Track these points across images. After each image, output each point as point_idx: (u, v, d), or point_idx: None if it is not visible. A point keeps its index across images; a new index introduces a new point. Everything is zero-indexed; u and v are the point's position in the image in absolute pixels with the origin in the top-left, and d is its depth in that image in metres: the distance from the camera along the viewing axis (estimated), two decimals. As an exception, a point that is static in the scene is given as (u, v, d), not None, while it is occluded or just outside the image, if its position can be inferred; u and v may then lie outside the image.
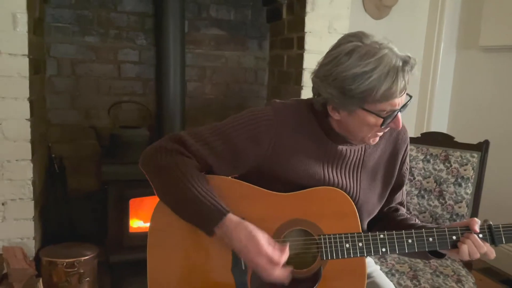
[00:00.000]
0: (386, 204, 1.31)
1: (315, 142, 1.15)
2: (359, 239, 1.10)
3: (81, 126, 2.62)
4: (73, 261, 2.07)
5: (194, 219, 1.09)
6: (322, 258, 1.10)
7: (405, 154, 1.27)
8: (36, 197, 2.14)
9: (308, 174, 1.14)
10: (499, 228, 1.11)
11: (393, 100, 1.01)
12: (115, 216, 2.30)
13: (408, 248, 1.11)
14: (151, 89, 2.72)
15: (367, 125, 1.06)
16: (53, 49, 2.52)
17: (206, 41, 2.81)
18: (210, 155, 1.11)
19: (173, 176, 1.07)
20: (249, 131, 1.11)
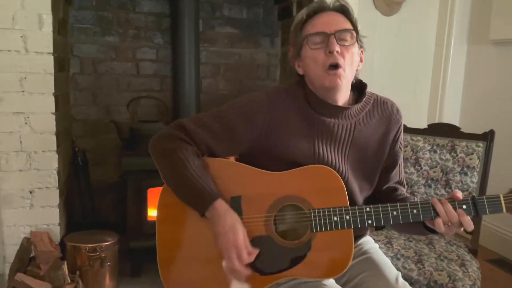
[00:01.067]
0: (384, 183, 1.37)
1: (305, 119, 1.24)
2: (346, 212, 1.18)
3: (103, 121, 2.76)
4: (95, 246, 2.19)
5: (188, 200, 1.21)
6: (312, 230, 1.18)
7: (398, 134, 1.33)
8: (61, 186, 2.28)
9: (300, 150, 1.23)
10: (483, 199, 1.16)
11: (313, 26, 1.19)
12: (134, 205, 2.40)
13: (393, 220, 1.17)
14: (167, 86, 2.85)
15: (311, 59, 1.19)
16: (76, 49, 2.67)
17: (220, 39, 2.92)
18: (209, 137, 1.22)
19: (172, 160, 1.19)
20: (244, 113, 1.22)
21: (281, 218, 1.21)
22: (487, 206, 1.16)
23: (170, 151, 1.20)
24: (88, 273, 2.18)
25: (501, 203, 1.17)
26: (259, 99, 1.24)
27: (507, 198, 1.18)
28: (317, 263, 1.18)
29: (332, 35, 1.15)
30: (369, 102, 1.30)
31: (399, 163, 1.37)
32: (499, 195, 1.18)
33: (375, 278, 1.26)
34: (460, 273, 1.73)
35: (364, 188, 1.32)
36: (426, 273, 1.74)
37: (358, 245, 1.39)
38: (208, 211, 1.17)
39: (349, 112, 1.25)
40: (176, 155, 1.19)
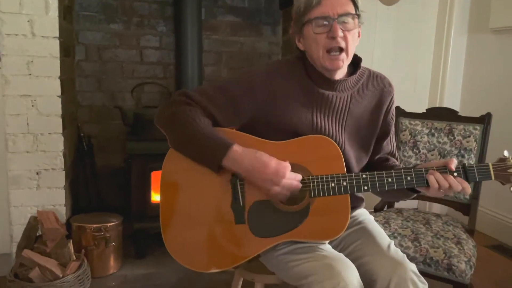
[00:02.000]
0: (376, 153, 1.42)
1: (304, 90, 1.29)
2: (343, 179, 1.23)
3: (107, 108, 2.81)
4: (100, 226, 2.24)
5: (202, 155, 1.24)
6: (310, 196, 1.23)
7: (390, 105, 1.39)
8: (67, 169, 2.34)
9: (299, 120, 1.28)
10: (473, 167, 1.22)
11: (316, 9, 1.19)
12: (138, 188, 2.45)
13: (388, 186, 1.23)
14: (171, 73, 2.90)
15: (313, 39, 1.22)
16: (81, 36, 2.73)
17: (222, 28, 2.97)
18: (213, 106, 1.27)
19: (181, 121, 1.24)
20: (245, 83, 1.28)
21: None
22: (476, 173, 1.22)
23: (177, 114, 1.25)
24: (93, 252, 2.24)
25: (490, 171, 1.22)
26: (260, 71, 1.29)
27: (496, 167, 1.23)
28: (315, 227, 1.22)
29: (335, 20, 1.19)
30: (363, 75, 1.35)
31: (391, 133, 1.43)
32: (488, 163, 1.24)
33: (368, 246, 1.31)
34: (455, 250, 1.76)
35: (360, 157, 1.37)
36: (422, 250, 1.77)
37: (353, 216, 1.44)
38: (226, 158, 1.20)
39: (346, 84, 1.31)
40: (184, 115, 1.23)
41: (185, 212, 1.29)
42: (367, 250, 1.30)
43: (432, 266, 1.73)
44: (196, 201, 1.28)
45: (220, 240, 1.26)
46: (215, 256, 1.26)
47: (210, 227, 1.27)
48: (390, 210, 2.25)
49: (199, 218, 1.28)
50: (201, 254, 1.27)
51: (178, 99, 1.28)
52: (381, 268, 1.22)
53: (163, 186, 1.31)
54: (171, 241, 1.29)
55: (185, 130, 1.24)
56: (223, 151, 1.20)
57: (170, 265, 2.37)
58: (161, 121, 1.29)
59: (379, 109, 1.37)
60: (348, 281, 1.12)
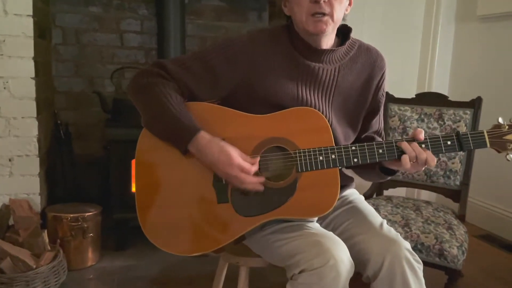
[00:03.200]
0: (363, 131, 1.35)
1: (289, 60, 1.21)
2: (332, 151, 1.16)
3: (86, 94, 2.71)
4: (77, 216, 2.14)
5: (169, 136, 1.17)
6: (298, 170, 1.16)
7: (381, 81, 1.31)
8: (42, 156, 2.23)
9: (283, 93, 1.20)
10: (467, 135, 1.15)
11: None
12: (117, 177, 2.35)
13: (378, 157, 1.16)
14: (153, 58, 2.80)
15: (297, 4, 1.15)
16: (58, 19, 2.61)
17: (206, 12, 2.88)
18: (190, 78, 1.18)
19: (151, 95, 1.16)
20: (225, 52, 1.19)
21: (265, 160, 1.19)
22: (471, 141, 1.15)
23: (149, 86, 1.17)
24: (70, 243, 2.14)
25: (485, 138, 1.16)
26: (241, 39, 1.22)
27: (490, 134, 1.16)
28: (302, 203, 1.16)
29: None
30: (353, 46, 1.28)
31: (380, 111, 1.36)
32: (483, 130, 1.17)
33: (360, 225, 1.25)
34: (447, 236, 1.73)
35: (348, 134, 1.30)
36: (413, 236, 1.74)
37: (343, 196, 1.38)
38: (191, 144, 1.14)
39: (334, 56, 1.23)
40: (156, 89, 1.15)
41: (163, 191, 1.20)
42: (359, 229, 1.24)
43: (424, 252, 1.69)
44: (174, 179, 1.20)
45: (202, 221, 1.18)
46: (196, 238, 1.18)
47: (190, 207, 1.19)
48: (379, 197, 2.20)
49: (178, 198, 1.19)
50: (181, 236, 1.19)
51: (152, 69, 1.19)
52: (374, 246, 1.16)
53: (138, 164, 1.22)
54: (148, 223, 1.20)
55: (153, 106, 1.16)
56: (187, 136, 1.14)
57: (152, 256, 2.28)
58: (133, 90, 1.21)
59: (369, 84, 1.29)
60: (338, 259, 1.06)
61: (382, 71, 1.31)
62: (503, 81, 2.80)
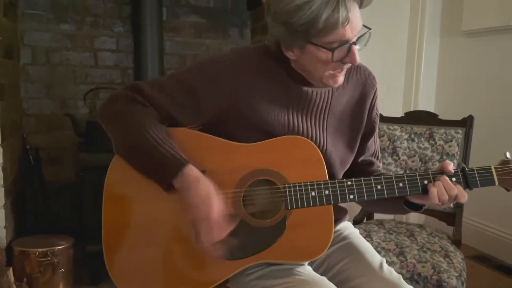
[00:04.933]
0: (359, 154, 1.25)
1: (278, 84, 1.10)
2: (325, 186, 1.05)
3: (57, 116, 2.57)
4: (47, 251, 2.01)
5: (151, 171, 1.03)
6: (287, 207, 1.05)
7: (373, 100, 1.22)
8: (8, 185, 2.07)
9: (272, 118, 1.09)
10: (474, 171, 1.06)
11: (339, 31, 0.95)
12: (91, 205, 2.22)
13: (377, 194, 1.05)
14: (129, 78, 2.69)
15: (320, 61, 1.01)
16: (27, 37, 2.48)
17: (185, 29, 2.78)
18: (169, 102, 1.06)
19: (128, 123, 1.02)
20: (208, 73, 1.07)
21: (251, 194, 1.07)
22: (478, 178, 1.06)
23: (125, 114, 1.03)
24: (38, 280, 2.00)
25: (492, 175, 1.07)
26: (225, 58, 1.09)
27: (499, 170, 1.07)
28: (292, 245, 1.04)
29: (354, 44, 0.99)
30: None
31: (376, 132, 1.26)
32: (490, 166, 1.08)
33: (357, 265, 1.14)
34: (444, 264, 1.65)
35: (345, 159, 1.20)
36: (409, 266, 1.65)
37: (337, 231, 1.26)
38: (177, 179, 1.00)
39: None
40: (133, 117, 1.02)
41: (134, 230, 1.06)
42: (356, 271, 1.12)
43: (421, 283, 1.59)
44: (148, 216, 1.06)
45: (178, 263, 1.05)
46: (172, 284, 1.06)
47: (165, 248, 1.06)
48: (370, 222, 2.10)
49: (152, 237, 1.06)
50: (154, 281, 1.06)
51: (127, 93, 1.06)
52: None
53: (107, 198, 1.08)
54: (115, 266, 1.06)
55: (131, 139, 1.02)
56: (174, 170, 1.00)
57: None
58: (105, 117, 1.07)
59: (363, 103, 1.20)
60: None
61: (374, 89, 1.22)
62: (489, 97, 2.77)
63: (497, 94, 2.72)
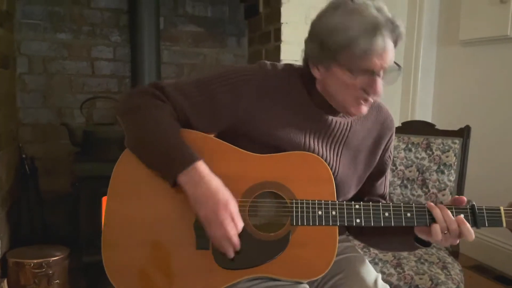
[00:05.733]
0: (366, 193, 1.24)
1: (299, 106, 1.09)
2: (333, 207, 1.04)
3: (54, 126, 2.55)
4: (41, 262, 1.99)
5: (160, 161, 1.02)
6: (292, 223, 1.04)
7: (389, 142, 1.21)
8: (3, 196, 2.05)
9: (288, 138, 1.08)
10: (483, 210, 1.05)
11: (370, 59, 0.96)
12: (87, 215, 2.21)
13: (384, 222, 1.04)
14: (126, 87, 2.68)
15: (344, 84, 1.01)
16: (24, 46, 2.47)
17: (183, 38, 2.78)
18: (188, 105, 1.06)
19: (144, 116, 1.03)
20: (230, 83, 1.06)
21: (257, 206, 1.06)
22: (486, 217, 1.05)
23: (141, 108, 1.04)
24: (33, 292, 1.95)
25: (501, 216, 1.06)
26: (250, 71, 1.09)
27: (507, 212, 1.06)
28: (293, 262, 1.03)
29: (377, 77, 0.99)
30: None
31: (386, 174, 1.25)
32: (499, 207, 1.07)
33: (352, 281, 1.12)
34: (442, 276, 1.63)
35: (348, 193, 1.18)
36: (406, 278, 1.64)
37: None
38: (186, 172, 0.98)
39: None
40: (149, 111, 1.03)
41: (135, 227, 1.05)
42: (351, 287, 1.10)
43: (418, 295, 1.58)
44: (150, 215, 1.05)
45: (175, 268, 1.03)
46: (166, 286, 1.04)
47: (164, 250, 1.04)
48: (368, 232, 2.09)
49: (151, 237, 1.05)
50: (148, 283, 1.04)
51: (147, 89, 1.07)
52: None
53: (111, 192, 1.07)
54: (111, 263, 1.05)
55: (145, 129, 1.03)
56: (184, 164, 0.99)
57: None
58: (121, 111, 1.08)
59: (378, 144, 1.19)
60: None
61: (391, 132, 1.21)
62: (486, 107, 2.76)
63: (494, 103, 2.71)
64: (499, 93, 2.69)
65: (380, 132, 1.19)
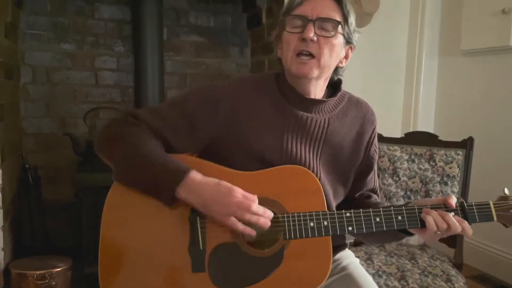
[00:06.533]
0: (358, 189, 1.24)
1: (276, 109, 1.11)
2: (324, 217, 1.04)
3: (57, 135, 2.55)
4: (44, 273, 1.98)
5: (153, 185, 1.02)
6: (285, 238, 1.04)
7: (372, 136, 1.22)
8: (6, 206, 2.05)
9: (267, 143, 1.09)
10: (472, 206, 1.06)
11: (298, 8, 1.06)
12: (90, 226, 2.21)
13: (376, 227, 1.05)
14: (129, 97, 2.68)
15: (286, 42, 1.07)
16: (27, 57, 2.48)
17: (186, 48, 2.79)
18: (165, 127, 1.07)
19: (125, 144, 1.03)
20: (205, 97, 1.08)
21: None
22: (476, 213, 1.06)
23: (120, 136, 1.04)
24: (35, 303, 1.95)
25: (491, 211, 1.07)
26: (222, 85, 1.12)
27: (497, 206, 1.08)
28: (289, 276, 1.03)
29: (311, 22, 1.04)
30: (343, 99, 1.19)
31: (374, 168, 1.26)
32: (488, 202, 1.08)
33: None
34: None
35: (338, 192, 1.19)
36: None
37: (336, 260, 1.24)
38: (182, 185, 0.99)
39: (324, 107, 1.14)
40: (129, 137, 1.03)
41: (131, 255, 1.05)
42: None
43: (423, 308, 1.57)
44: (144, 242, 1.05)
45: None
46: None
47: (160, 275, 1.04)
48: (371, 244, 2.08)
49: (147, 264, 1.04)
50: None
51: (122, 118, 1.07)
52: None
53: (105, 223, 1.07)
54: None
55: (129, 155, 1.03)
56: (178, 177, 0.99)
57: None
58: (101, 144, 1.07)
59: (360, 139, 1.19)
60: None
61: (373, 126, 1.22)
62: (489, 117, 2.76)
63: (497, 113, 2.71)
64: (502, 103, 2.69)
65: (361, 127, 1.19)
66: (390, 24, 3.09)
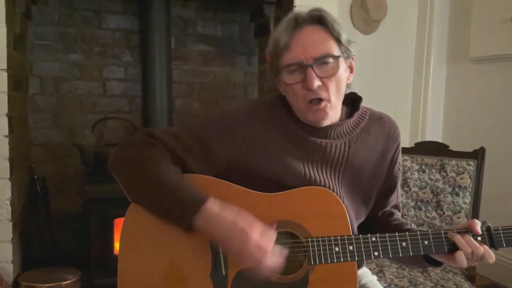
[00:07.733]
0: (381, 208, 1.22)
1: (292, 137, 1.09)
2: (349, 242, 1.02)
3: (65, 146, 2.54)
4: (54, 286, 1.98)
5: (170, 212, 1.00)
6: (310, 263, 1.02)
7: (396, 154, 1.18)
8: (15, 219, 2.04)
9: (287, 171, 1.07)
10: (499, 231, 1.04)
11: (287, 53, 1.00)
12: (98, 237, 2.19)
13: (402, 252, 1.03)
14: (137, 107, 2.67)
15: (290, 89, 1.04)
16: (36, 67, 2.47)
17: (193, 57, 2.78)
18: (182, 149, 1.05)
19: (144, 168, 1.01)
20: (220, 125, 1.06)
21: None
22: (503, 237, 1.04)
23: (139, 158, 1.02)
24: (44, 316, 1.93)
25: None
26: (238, 111, 1.09)
27: None
28: None
29: (309, 67, 0.99)
30: (364, 116, 1.15)
31: (398, 186, 1.23)
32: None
33: None
34: None
35: (360, 213, 1.17)
36: None
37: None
38: (199, 215, 0.96)
39: (342, 129, 1.10)
40: (147, 159, 1.01)
41: (149, 278, 1.03)
42: None
43: (436, 323, 1.55)
44: (163, 265, 1.03)
45: None
46: None
47: None
48: (382, 255, 2.06)
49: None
50: None
51: (140, 138, 1.05)
52: None
53: (123, 245, 1.05)
54: None
55: (148, 179, 1.00)
56: (196, 207, 0.96)
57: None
58: (117, 165, 1.05)
59: (384, 157, 1.16)
60: None
61: (397, 142, 1.18)
62: (498, 126, 2.73)
63: (506, 122, 2.69)
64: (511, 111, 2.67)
65: (385, 144, 1.15)
66: (398, 31, 3.08)
